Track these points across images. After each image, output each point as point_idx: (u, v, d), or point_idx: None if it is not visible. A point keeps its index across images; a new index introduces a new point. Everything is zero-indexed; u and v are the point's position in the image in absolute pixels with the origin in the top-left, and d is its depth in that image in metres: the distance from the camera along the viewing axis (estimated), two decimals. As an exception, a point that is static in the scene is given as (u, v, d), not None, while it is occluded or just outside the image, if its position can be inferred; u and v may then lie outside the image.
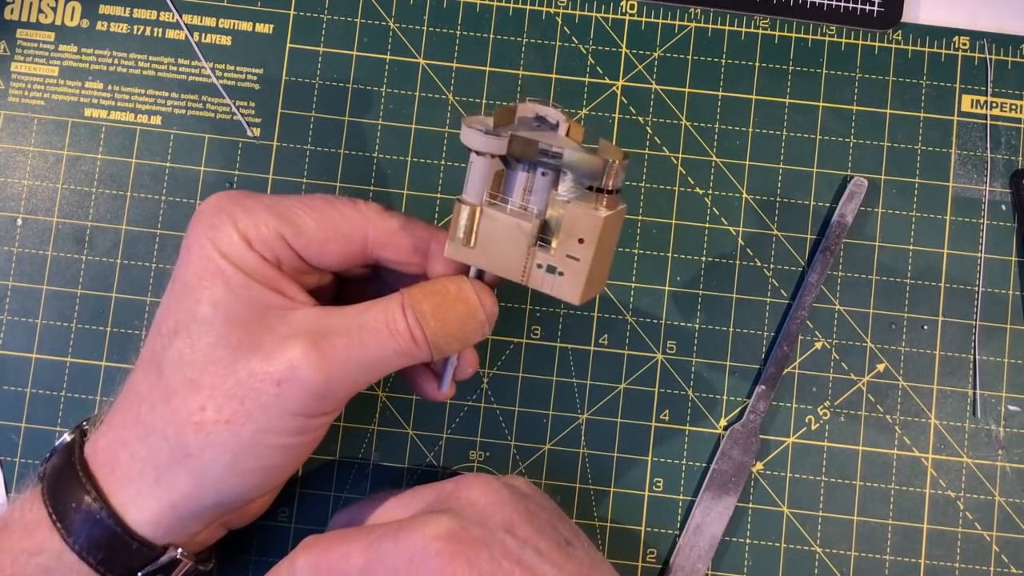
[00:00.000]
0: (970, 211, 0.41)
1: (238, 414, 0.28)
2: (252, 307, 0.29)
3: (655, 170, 0.41)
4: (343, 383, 0.29)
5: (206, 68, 0.42)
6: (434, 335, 0.30)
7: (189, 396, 0.29)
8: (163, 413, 0.29)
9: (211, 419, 0.29)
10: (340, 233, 0.31)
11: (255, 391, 0.28)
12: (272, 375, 0.28)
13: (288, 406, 0.29)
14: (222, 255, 0.30)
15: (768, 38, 0.42)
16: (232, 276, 0.30)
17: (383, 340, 0.29)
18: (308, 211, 0.31)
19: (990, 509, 0.40)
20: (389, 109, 0.41)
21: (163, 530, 0.30)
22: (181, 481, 0.29)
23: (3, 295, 0.40)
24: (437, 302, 0.30)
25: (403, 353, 0.30)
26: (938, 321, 0.41)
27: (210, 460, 0.29)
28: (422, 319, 0.30)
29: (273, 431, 0.29)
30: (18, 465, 0.40)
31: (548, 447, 0.40)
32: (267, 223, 0.30)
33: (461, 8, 0.42)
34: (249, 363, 0.29)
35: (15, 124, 0.41)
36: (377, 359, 0.30)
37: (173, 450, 0.29)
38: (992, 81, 0.42)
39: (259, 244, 0.30)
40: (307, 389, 0.28)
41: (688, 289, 0.41)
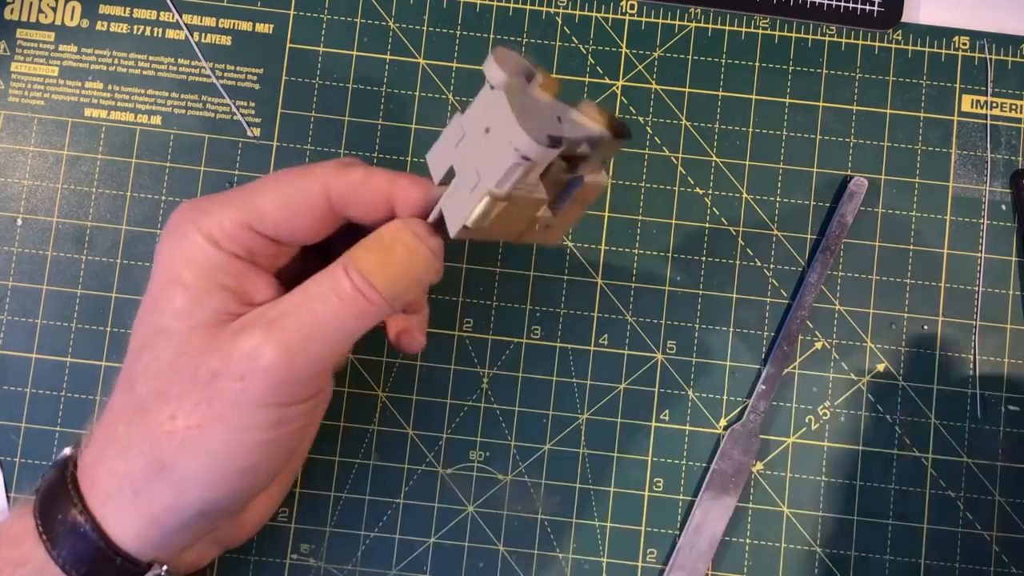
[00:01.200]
0: (970, 211, 0.41)
1: (207, 417, 0.28)
2: (212, 313, 0.29)
3: (655, 170, 0.41)
4: (306, 362, 0.28)
5: (206, 68, 0.42)
6: (385, 285, 0.29)
7: (159, 407, 0.29)
8: (137, 428, 0.29)
9: (182, 426, 0.28)
10: (301, 205, 0.30)
11: (220, 391, 0.28)
12: (234, 372, 0.28)
13: (256, 398, 0.28)
14: (186, 263, 0.29)
15: (768, 38, 0.42)
16: (191, 284, 0.29)
17: (334, 308, 0.28)
18: (265, 192, 0.30)
19: (990, 509, 0.40)
20: (389, 109, 0.41)
21: (148, 545, 0.29)
22: (161, 493, 0.29)
23: (3, 295, 0.40)
24: (378, 253, 0.29)
25: (360, 315, 0.29)
26: (938, 321, 0.41)
27: (186, 468, 0.28)
28: (368, 275, 0.29)
29: (246, 428, 0.28)
30: (18, 465, 0.40)
31: (548, 447, 0.40)
32: (229, 217, 0.30)
33: (461, 8, 0.42)
34: (211, 365, 0.28)
35: (15, 124, 0.41)
36: (335, 329, 0.29)
37: (149, 463, 0.29)
38: (992, 81, 0.42)
39: (226, 242, 0.30)
40: (270, 377, 0.28)
41: (688, 289, 0.41)
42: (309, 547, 0.40)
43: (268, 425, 0.28)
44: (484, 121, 0.29)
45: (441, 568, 0.39)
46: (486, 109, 0.29)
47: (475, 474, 0.40)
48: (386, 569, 0.39)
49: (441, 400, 0.40)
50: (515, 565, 0.40)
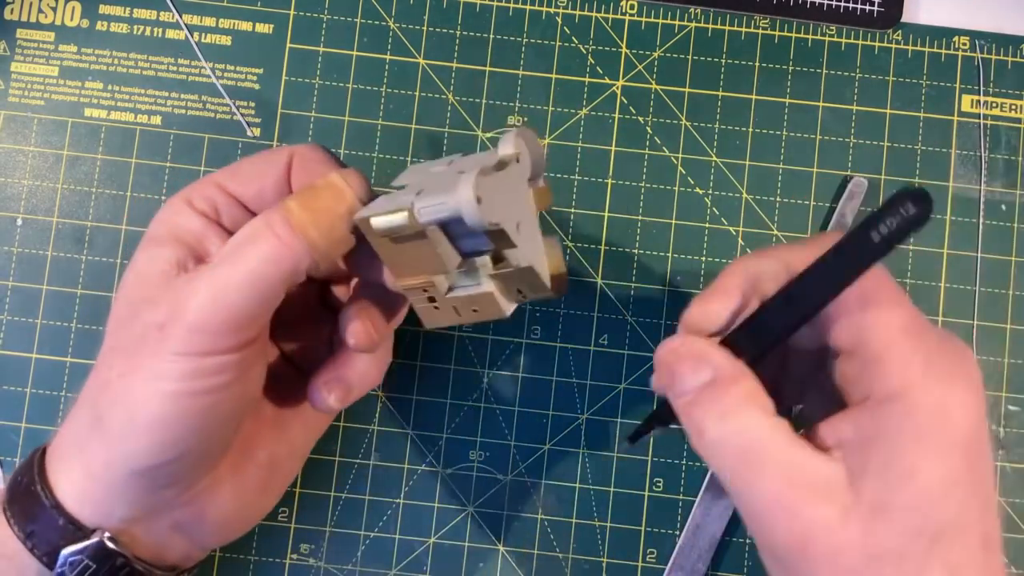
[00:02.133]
0: (970, 211, 0.41)
1: (131, 365, 0.28)
2: (163, 264, 0.30)
3: (655, 170, 0.41)
4: (223, 311, 0.28)
5: (206, 68, 0.42)
6: (302, 225, 0.28)
7: (106, 361, 0.30)
8: (90, 384, 0.30)
9: (115, 376, 0.29)
10: (267, 165, 0.32)
11: (143, 339, 0.28)
12: (156, 320, 0.28)
13: (173, 346, 0.28)
14: (158, 223, 0.31)
15: (768, 38, 0.42)
16: (154, 239, 0.30)
17: (247, 251, 0.28)
18: (247, 159, 0.33)
19: (990, 509, 0.40)
20: (389, 109, 0.41)
21: (88, 508, 0.29)
22: (95, 447, 0.29)
23: (3, 295, 0.40)
24: (305, 195, 0.29)
25: (275, 259, 0.28)
26: (938, 321, 0.41)
27: (114, 419, 0.28)
28: (290, 214, 0.28)
29: (163, 377, 0.28)
30: (18, 465, 0.39)
31: (548, 447, 0.40)
32: (207, 181, 0.32)
33: (461, 8, 0.42)
34: (143, 317, 0.29)
35: (15, 124, 0.41)
36: (250, 273, 0.28)
37: (91, 416, 0.29)
38: (992, 81, 0.42)
39: (197, 200, 0.31)
40: (185, 325, 0.28)
41: (688, 289, 0.41)
42: (309, 547, 0.40)
43: (185, 375, 0.28)
44: (464, 166, 0.29)
45: (441, 568, 0.39)
46: (476, 160, 0.29)
47: (475, 474, 0.40)
48: (386, 569, 0.39)
49: (441, 400, 0.40)
50: (515, 565, 0.40)
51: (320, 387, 0.33)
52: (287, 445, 0.35)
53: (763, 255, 0.29)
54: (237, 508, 0.33)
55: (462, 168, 0.29)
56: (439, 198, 0.27)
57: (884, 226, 0.25)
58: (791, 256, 0.28)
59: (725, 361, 0.28)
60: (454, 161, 0.31)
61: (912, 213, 0.24)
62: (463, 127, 0.41)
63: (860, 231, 0.25)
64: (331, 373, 0.33)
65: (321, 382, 0.33)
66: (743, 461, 0.27)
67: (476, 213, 0.26)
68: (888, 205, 0.25)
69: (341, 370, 0.33)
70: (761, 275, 0.29)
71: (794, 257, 0.28)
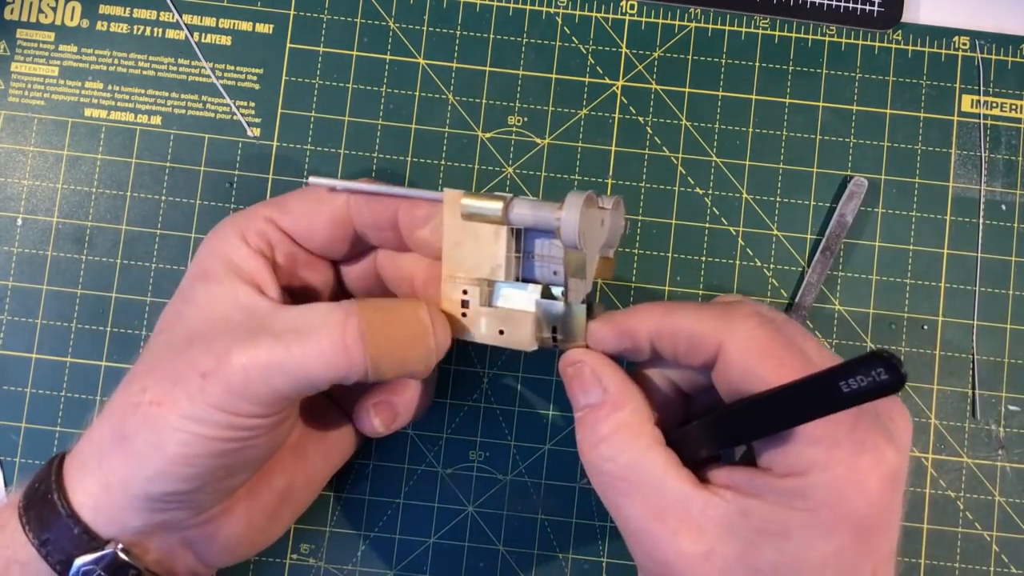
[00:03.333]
0: (970, 211, 0.41)
1: (168, 397, 0.28)
2: (226, 305, 0.30)
3: (655, 170, 0.41)
4: (262, 387, 0.28)
5: (206, 68, 0.42)
6: (376, 348, 0.28)
7: (139, 380, 0.30)
8: (117, 400, 0.30)
9: (147, 400, 0.29)
10: (323, 203, 0.32)
11: (185, 378, 0.28)
12: (201, 366, 0.28)
13: (210, 399, 0.28)
14: (214, 255, 0.31)
15: (768, 38, 0.42)
16: (216, 274, 0.30)
17: (309, 350, 0.28)
18: (295, 192, 0.33)
19: (990, 509, 0.40)
20: (389, 109, 0.41)
21: (103, 518, 0.29)
22: (116, 462, 0.29)
23: (3, 295, 0.40)
24: (386, 314, 0.29)
25: (333, 364, 0.28)
26: (938, 321, 0.41)
27: (141, 442, 0.29)
28: (368, 327, 0.28)
29: (197, 421, 0.28)
30: (18, 465, 0.39)
31: (548, 447, 0.40)
32: (258, 213, 0.32)
33: (461, 8, 0.42)
34: (192, 352, 0.29)
35: (15, 124, 0.41)
36: (303, 368, 0.28)
37: (115, 431, 0.29)
38: (992, 81, 0.42)
39: (252, 236, 0.31)
40: (225, 385, 0.28)
41: (688, 289, 0.41)
42: (309, 547, 0.40)
43: (218, 426, 0.28)
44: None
45: (441, 568, 0.39)
46: None
47: (475, 474, 0.40)
48: (386, 569, 0.39)
49: (441, 400, 0.40)
50: (515, 565, 0.40)
51: (368, 409, 0.34)
52: (304, 474, 0.35)
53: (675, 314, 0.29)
54: (247, 532, 0.33)
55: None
56: (539, 205, 0.28)
57: (855, 381, 0.24)
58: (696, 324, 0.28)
59: (616, 384, 0.29)
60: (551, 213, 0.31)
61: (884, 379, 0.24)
62: (463, 127, 0.41)
63: (831, 378, 0.24)
64: (379, 396, 0.34)
65: (369, 404, 0.34)
66: (612, 486, 0.28)
67: (575, 229, 0.27)
68: (861, 363, 0.24)
69: (389, 395, 0.34)
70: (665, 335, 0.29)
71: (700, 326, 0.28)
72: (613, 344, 0.30)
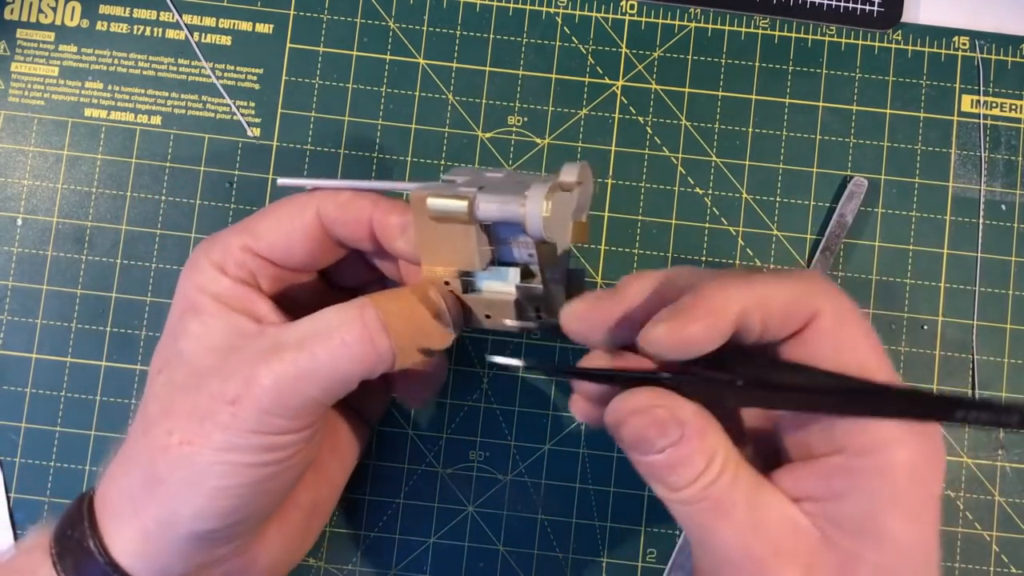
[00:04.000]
0: (970, 211, 0.41)
1: (199, 435, 0.28)
2: (225, 335, 0.30)
3: (655, 170, 0.41)
4: (296, 398, 0.28)
5: (206, 68, 0.42)
6: (397, 334, 0.29)
7: (161, 423, 0.29)
8: (142, 444, 0.30)
9: (176, 442, 0.28)
10: (295, 224, 0.31)
11: (212, 411, 0.28)
12: (227, 394, 0.28)
13: (244, 424, 0.28)
14: (198, 290, 0.30)
15: (768, 38, 0.42)
16: (205, 307, 0.30)
17: (334, 349, 0.28)
18: (265, 214, 0.31)
19: (990, 509, 0.40)
20: (389, 109, 0.41)
21: (142, 564, 0.29)
22: (153, 508, 0.29)
23: (3, 295, 0.40)
24: (400, 301, 0.29)
25: (360, 360, 0.28)
26: (938, 321, 0.41)
27: (177, 483, 0.28)
28: (388, 320, 0.29)
29: (233, 450, 0.28)
30: (18, 465, 0.39)
31: (548, 447, 0.40)
32: (232, 241, 0.31)
33: (461, 8, 0.42)
34: (210, 386, 0.28)
35: (15, 124, 0.41)
36: (331, 370, 0.28)
37: (147, 477, 0.29)
38: (992, 81, 0.42)
39: (231, 267, 0.31)
40: (258, 405, 0.28)
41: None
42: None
43: (255, 450, 0.28)
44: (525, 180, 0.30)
45: (441, 568, 0.39)
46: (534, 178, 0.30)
47: (475, 474, 0.40)
48: (386, 569, 0.39)
49: (441, 400, 0.40)
50: (515, 565, 0.40)
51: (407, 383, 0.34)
52: (326, 484, 0.35)
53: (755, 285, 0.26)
54: (283, 554, 0.33)
55: (522, 180, 0.30)
56: (504, 198, 0.28)
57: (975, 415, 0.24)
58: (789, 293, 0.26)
59: (691, 415, 0.26)
60: (509, 173, 0.31)
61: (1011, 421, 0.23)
62: (463, 127, 0.41)
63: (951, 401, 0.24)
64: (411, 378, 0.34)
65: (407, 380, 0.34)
66: (712, 511, 0.26)
67: (540, 224, 0.27)
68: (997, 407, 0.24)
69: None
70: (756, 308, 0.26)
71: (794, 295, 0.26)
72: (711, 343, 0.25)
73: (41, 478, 0.39)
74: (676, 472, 0.26)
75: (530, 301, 0.30)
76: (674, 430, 0.26)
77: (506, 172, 0.31)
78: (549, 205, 0.27)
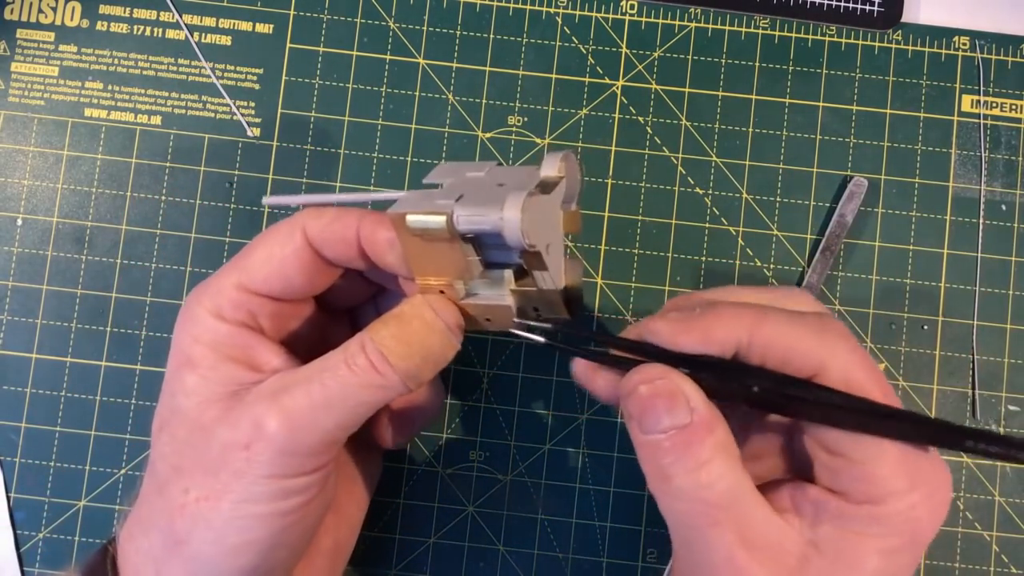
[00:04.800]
0: (970, 211, 0.41)
1: (215, 489, 0.28)
2: (222, 385, 0.29)
3: (655, 170, 0.41)
4: (312, 433, 0.28)
5: (206, 68, 0.42)
6: (399, 358, 0.28)
7: (175, 482, 0.28)
8: (158, 505, 0.29)
9: (193, 499, 0.28)
10: (286, 252, 0.30)
11: (227, 462, 0.28)
12: (240, 441, 0.27)
13: (260, 470, 0.27)
14: (193, 341, 0.29)
15: (768, 38, 0.42)
16: (201, 360, 0.29)
17: (344, 378, 0.28)
18: (252, 249, 0.30)
19: (990, 509, 0.40)
20: (389, 109, 0.41)
21: None
22: (177, 570, 0.28)
23: (3, 295, 0.40)
24: (395, 327, 0.29)
25: (369, 387, 0.28)
26: (938, 321, 0.41)
27: (199, 542, 0.28)
28: (383, 347, 0.28)
29: (252, 499, 0.28)
30: (18, 465, 0.39)
31: (548, 447, 0.40)
32: (224, 283, 0.30)
33: (461, 8, 0.42)
34: (220, 436, 0.28)
35: (15, 124, 0.41)
36: (343, 399, 0.28)
37: (167, 538, 0.28)
38: (992, 81, 0.42)
39: (228, 311, 0.30)
40: (274, 447, 0.27)
41: (688, 289, 0.41)
42: (309, 547, 0.40)
43: (273, 496, 0.28)
44: (505, 179, 0.29)
45: (441, 568, 0.39)
46: (515, 175, 0.29)
47: (475, 474, 0.40)
48: (386, 569, 0.39)
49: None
50: (515, 565, 0.40)
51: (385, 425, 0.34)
52: (346, 525, 0.35)
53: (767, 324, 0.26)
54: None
55: (502, 181, 0.29)
56: (481, 210, 0.27)
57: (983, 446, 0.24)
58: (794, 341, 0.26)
59: (703, 405, 0.26)
60: (491, 170, 0.31)
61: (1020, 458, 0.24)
62: (463, 127, 0.41)
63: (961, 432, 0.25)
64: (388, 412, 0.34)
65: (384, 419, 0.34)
66: (704, 514, 0.26)
67: (519, 235, 0.26)
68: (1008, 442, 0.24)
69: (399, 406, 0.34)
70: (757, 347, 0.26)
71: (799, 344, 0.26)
72: (693, 349, 0.27)
73: (41, 478, 0.39)
74: (676, 458, 0.26)
75: (528, 303, 0.30)
76: (683, 411, 0.26)
77: (488, 168, 0.31)
78: (527, 216, 0.26)
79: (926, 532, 0.26)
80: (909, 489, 0.25)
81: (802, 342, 0.26)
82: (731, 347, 0.27)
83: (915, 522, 0.25)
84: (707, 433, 0.26)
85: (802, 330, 0.26)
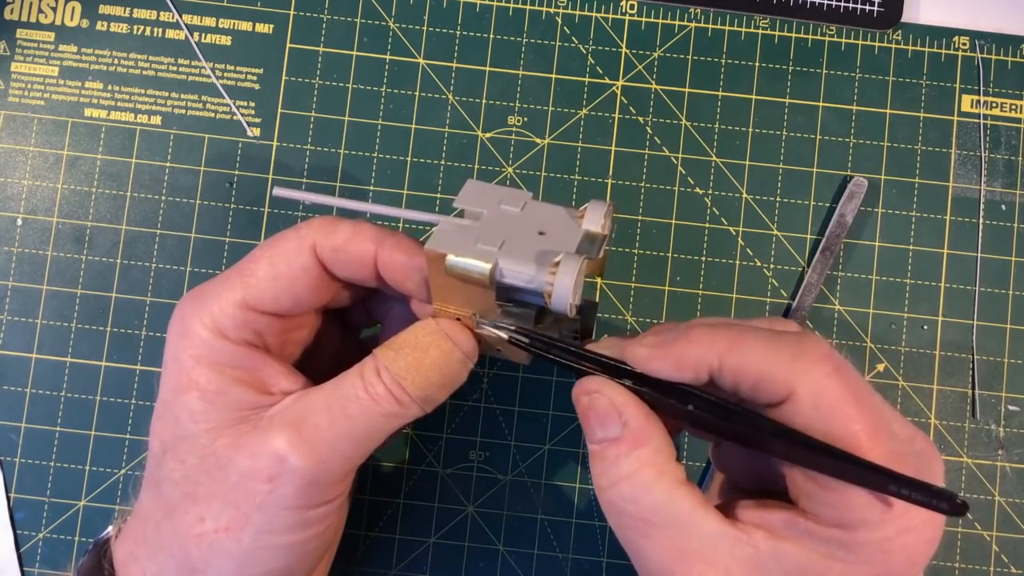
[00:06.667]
0: (970, 211, 0.41)
1: (236, 520, 0.27)
2: (232, 410, 0.28)
3: (655, 170, 0.41)
4: (337, 462, 0.28)
5: (206, 68, 0.42)
6: (417, 388, 0.28)
7: (188, 509, 0.28)
8: (167, 530, 0.28)
9: (211, 529, 0.27)
10: (294, 270, 0.29)
11: (248, 493, 0.27)
12: (262, 472, 0.27)
13: (283, 501, 0.27)
14: (195, 362, 0.28)
15: (768, 38, 0.42)
16: (206, 385, 0.28)
17: (367, 407, 0.28)
18: (257, 264, 0.29)
19: (990, 509, 0.40)
20: (389, 109, 0.41)
21: None
22: None
23: (3, 295, 0.40)
24: (412, 356, 0.28)
25: (391, 415, 0.28)
26: (938, 321, 0.41)
27: (216, 572, 0.27)
28: (399, 377, 0.28)
29: (273, 531, 0.27)
30: (18, 465, 0.39)
31: (548, 447, 0.40)
32: (229, 301, 0.28)
33: (461, 8, 0.42)
34: (238, 466, 0.27)
35: (15, 124, 0.41)
36: (366, 428, 0.28)
37: (180, 565, 0.28)
38: (992, 81, 0.42)
39: (233, 330, 0.28)
40: (300, 478, 0.27)
41: (688, 289, 0.41)
42: (309, 547, 0.40)
43: (294, 527, 0.28)
44: (547, 223, 0.28)
45: (441, 568, 0.39)
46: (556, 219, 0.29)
47: (475, 474, 0.40)
48: (386, 569, 0.39)
49: (441, 400, 0.40)
50: (515, 565, 0.40)
51: None
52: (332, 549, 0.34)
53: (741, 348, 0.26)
54: None
55: (542, 227, 0.28)
56: (529, 268, 0.27)
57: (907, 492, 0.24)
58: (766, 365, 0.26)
59: (637, 419, 0.26)
60: (528, 205, 0.29)
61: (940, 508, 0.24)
62: (463, 127, 0.41)
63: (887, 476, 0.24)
64: None
65: None
66: (633, 526, 0.26)
67: (567, 305, 0.26)
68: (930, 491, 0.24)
69: None
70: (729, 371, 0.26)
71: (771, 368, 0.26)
72: (668, 375, 0.27)
73: (41, 478, 0.39)
74: (603, 470, 0.26)
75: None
76: (613, 424, 0.27)
77: (525, 203, 0.29)
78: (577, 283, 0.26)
79: (902, 569, 0.25)
80: (881, 522, 0.25)
81: (772, 366, 0.26)
82: (704, 372, 0.26)
83: (888, 555, 0.25)
84: (632, 446, 0.26)
85: (774, 354, 0.26)
